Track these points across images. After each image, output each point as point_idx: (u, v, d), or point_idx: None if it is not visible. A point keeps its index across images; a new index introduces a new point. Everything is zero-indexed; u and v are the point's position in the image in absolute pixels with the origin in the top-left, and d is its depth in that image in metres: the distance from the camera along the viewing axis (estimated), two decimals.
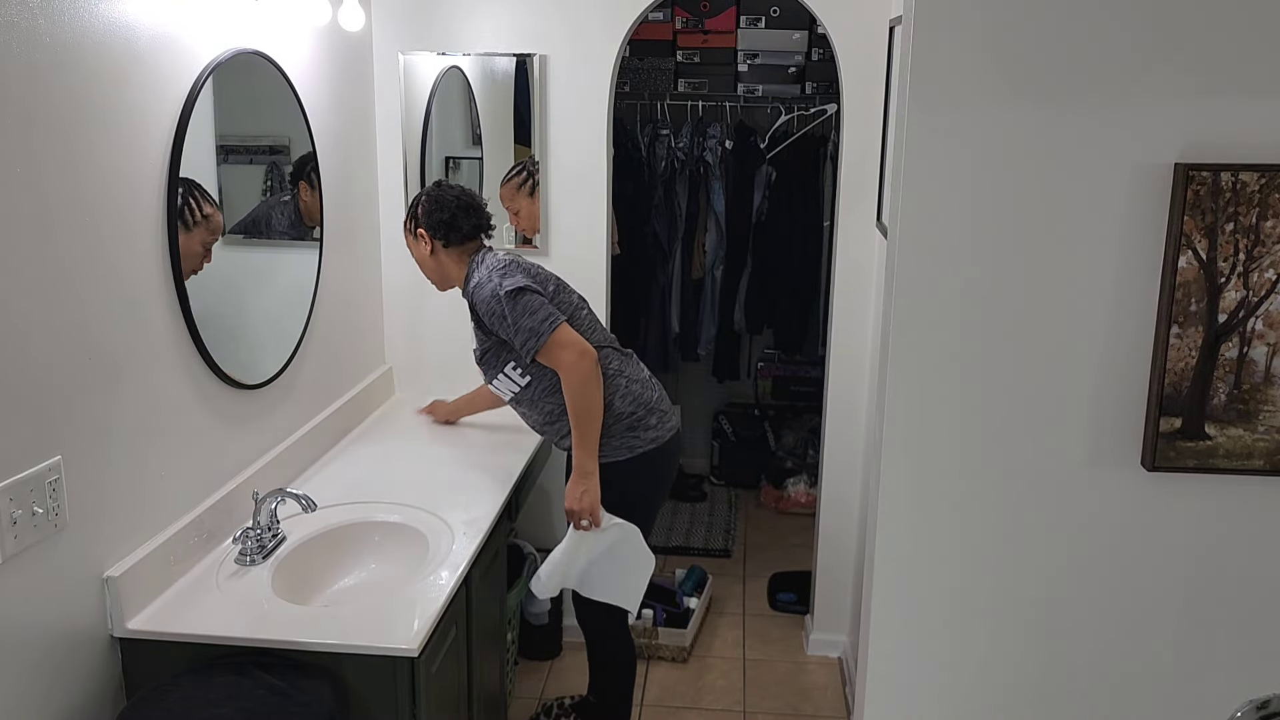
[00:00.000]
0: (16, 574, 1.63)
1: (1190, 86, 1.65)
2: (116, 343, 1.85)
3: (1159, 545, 1.84)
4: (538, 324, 2.37)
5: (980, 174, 1.71)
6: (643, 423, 2.54)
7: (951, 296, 1.76)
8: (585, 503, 2.44)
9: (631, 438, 2.53)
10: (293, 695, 1.75)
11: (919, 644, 1.92)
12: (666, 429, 2.60)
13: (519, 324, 2.38)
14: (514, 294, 2.38)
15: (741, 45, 4.42)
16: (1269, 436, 1.74)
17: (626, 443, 2.53)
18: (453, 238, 2.52)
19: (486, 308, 2.43)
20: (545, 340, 2.37)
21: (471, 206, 2.54)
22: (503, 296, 2.39)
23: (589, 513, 2.44)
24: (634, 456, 2.54)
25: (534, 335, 2.37)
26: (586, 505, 2.44)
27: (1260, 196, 1.64)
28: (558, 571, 2.53)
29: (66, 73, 1.68)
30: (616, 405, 2.51)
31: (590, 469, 2.43)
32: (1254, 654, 1.87)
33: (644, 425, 2.54)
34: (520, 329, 2.38)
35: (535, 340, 2.37)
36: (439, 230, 2.52)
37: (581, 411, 2.40)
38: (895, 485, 1.85)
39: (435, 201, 2.52)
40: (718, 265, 4.44)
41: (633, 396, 2.54)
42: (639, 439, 2.54)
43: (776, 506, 4.64)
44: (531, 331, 2.37)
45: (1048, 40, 1.65)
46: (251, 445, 2.37)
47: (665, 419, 2.60)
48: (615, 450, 2.52)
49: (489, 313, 2.43)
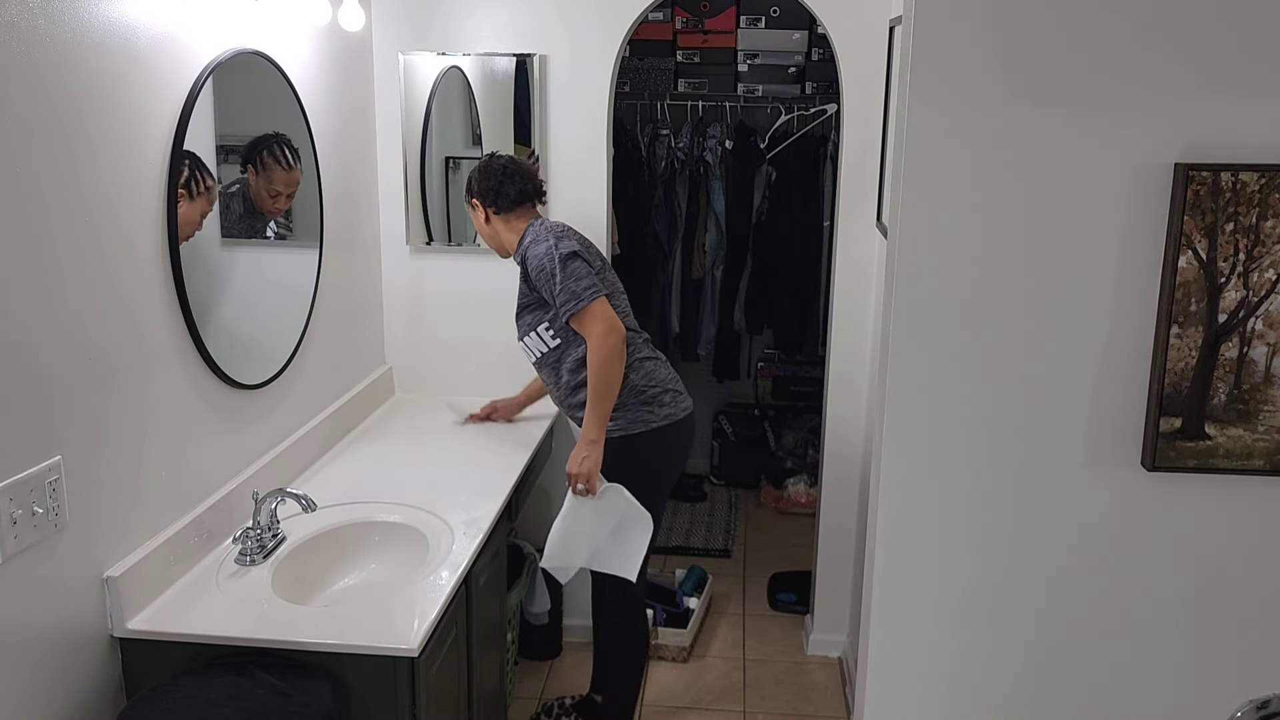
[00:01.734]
0: (16, 574, 1.63)
1: (1190, 86, 1.65)
2: (116, 343, 1.85)
3: (1159, 545, 1.84)
4: (581, 290, 2.50)
5: (980, 174, 1.71)
6: (657, 399, 2.65)
7: (951, 296, 1.76)
8: (585, 467, 2.53)
9: (646, 412, 2.63)
10: (293, 695, 1.75)
11: (919, 644, 1.92)
12: (680, 408, 2.70)
13: (564, 285, 2.50)
14: (567, 257, 2.52)
15: (741, 45, 4.42)
16: (1269, 436, 1.74)
17: (641, 416, 2.63)
18: (501, 204, 2.65)
19: (537, 264, 2.54)
20: (584, 306, 2.49)
21: (517, 173, 2.66)
22: (556, 256, 2.51)
23: (587, 478, 2.53)
24: (647, 431, 2.63)
25: (574, 299, 2.49)
26: (586, 470, 2.53)
27: (1260, 196, 1.64)
28: (560, 543, 2.61)
29: (66, 73, 1.68)
30: (632, 379, 2.61)
31: (595, 437, 2.54)
32: (1254, 654, 1.87)
33: (658, 402, 2.65)
34: (564, 289, 2.50)
35: (574, 304, 2.49)
36: (488, 197, 2.66)
37: (600, 384, 2.51)
38: (895, 485, 1.85)
39: (484, 170, 2.67)
40: (718, 265, 4.44)
41: (647, 373, 2.65)
42: (653, 414, 2.64)
43: (776, 506, 4.64)
44: (573, 295, 2.50)
45: (1048, 40, 1.65)
46: (251, 445, 2.37)
47: (679, 399, 2.71)
48: (630, 424, 2.62)
49: (538, 269, 2.54)
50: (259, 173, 2.38)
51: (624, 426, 2.62)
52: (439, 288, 3.22)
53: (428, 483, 2.57)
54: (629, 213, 4.23)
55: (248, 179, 2.35)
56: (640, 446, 2.64)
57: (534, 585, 3.19)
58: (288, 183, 2.51)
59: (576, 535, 2.61)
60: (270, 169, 2.42)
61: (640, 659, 2.89)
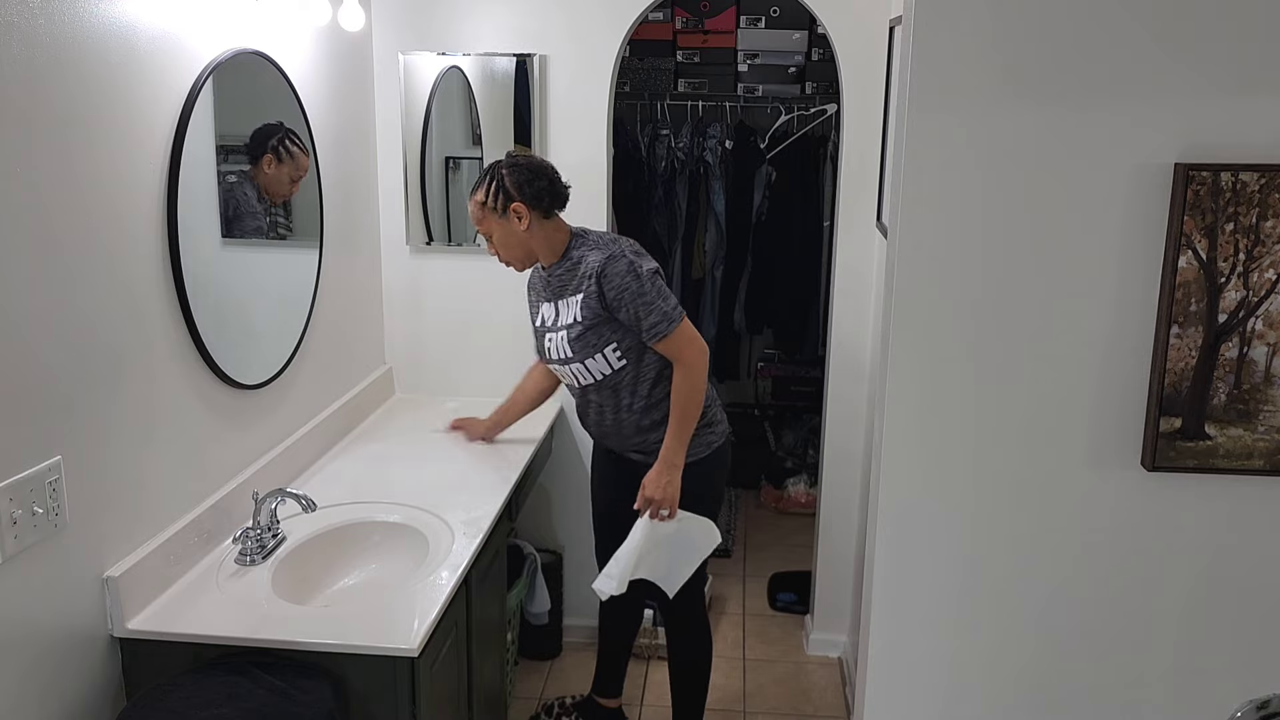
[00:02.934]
0: (16, 574, 1.63)
1: (1190, 86, 1.65)
2: (116, 343, 1.85)
3: (1159, 545, 1.84)
4: (671, 309, 2.39)
5: (980, 174, 1.71)
6: (716, 419, 2.61)
7: (951, 296, 1.76)
8: (669, 492, 2.44)
9: (709, 434, 2.57)
10: (293, 695, 1.75)
11: (919, 644, 1.92)
12: (726, 423, 2.67)
13: (655, 305, 2.37)
14: (655, 274, 2.40)
15: (741, 45, 4.42)
16: (1269, 436, 1.74)
17: (705, 439, 2.56)
18: (556, 205, 2.46)
19: (621, 281, 2.36)
20: (675, 327, 2.39)
21: (546, 166, 2.48)
22: (643, 274, 2.37)
23: (670, 503, 2.45)
24: (710, 454, 2.57)
25: (667, 320, 2.38)
26: (670, 495, 2.44)
27: (1260, 196, 1.64)
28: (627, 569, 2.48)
29: (66, 73, 1.68)
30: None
31: (678, 462, 2.45)
32: (1254, 654, 1.87)
33: (717, 420, 2.61)
34: (655, 309, 2.37)
35: (667, 325, 2.38)
36: (541, 200, 2.42)
37: (689, 407, 2.42)
38: (895, 485, 1.85)
39: (528, 171, 2.42)
40: (718, 265, 4.44)
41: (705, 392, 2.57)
42: (714, 434, 2.59)
43: (776, 506, 4.64)
44: (665, 315, 2.38)
45: (1048, 40, 1.65)
46: (251, 445, 2.37)
47: (722, 413, 2.68)
48: (696, 447, 2.53)
49: (622, 287, 2.37)
50: (280, 160, 2.43)
51: (694, 451, 2.51)
52: (439, 288, 3.22)
53: (428, 483, 2.57)
54: (629, 213, 4.23)
55: (262, 167, 2.37)
56: (709, 469, 2.58)
57: (534, 585, 3.19)
58: (305, 167, 2.56)
59: (643, 560, 2.52)
60: (295, 156, 2.50)
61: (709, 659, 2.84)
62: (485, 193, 2.43)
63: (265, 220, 2.46)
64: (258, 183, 2.37)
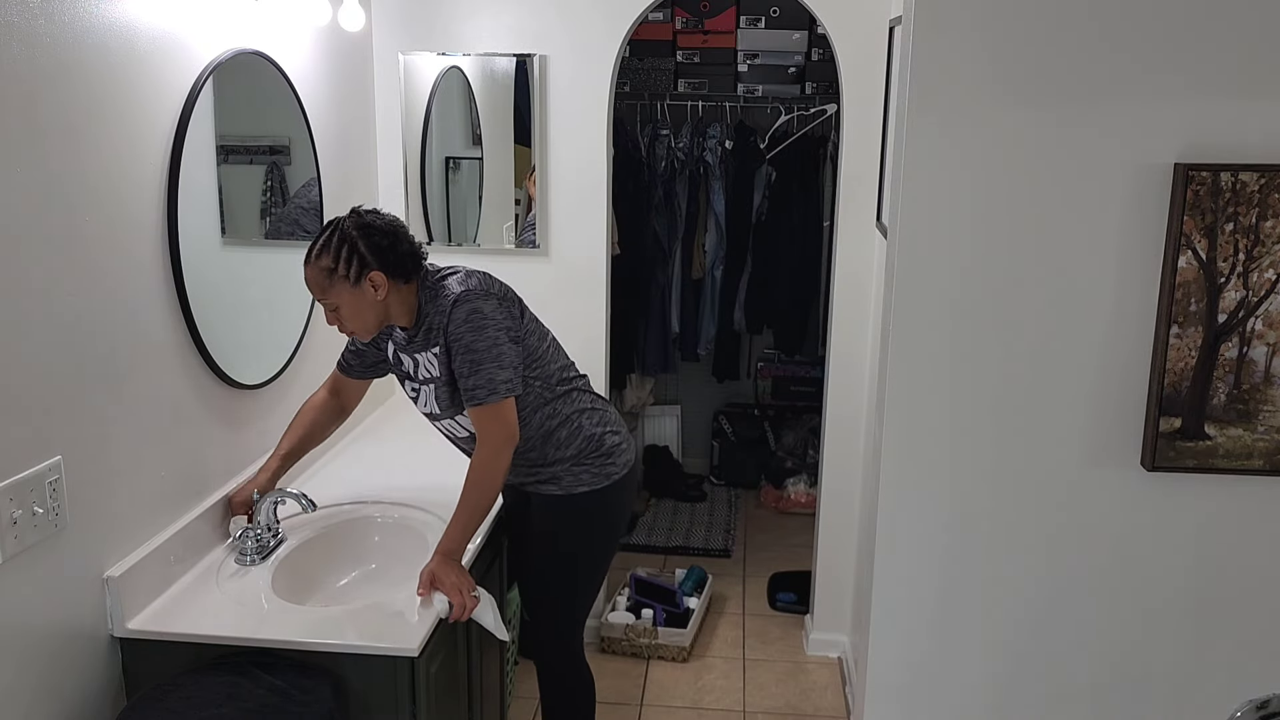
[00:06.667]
0: (16, 574, 1.63)
1: (1190, 86, 1.65)
2: (116, 343, 1.85)
3: (1159, 545, 1.84)
4: (500, 382, 2.06)
5: (980, 174, 1.71)
6: (617, 449, 2.33)
7: (951, 296, 1.76)
8: (454, 580, 2.02)
9: (607, 464, 2.30)
10: (293, 695, 1.75)
11: (919, 643, 1.92)
12: (630, 450, 2.38)
13: (484, 368, 2.06)
14: (500, 334, 2.08)
15: (741, 45, 4.42)
16: (1269, 436, 1.74)
17: (604, 470, 2.30)
18: (415, 271, 2.11)
19: (456, 330, 2.07)
20: (495, 401, 2.06)
21: (401, 225, 2.12)
22: (487, 323, 2.06)
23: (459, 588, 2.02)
24: (610, 485, 2.30)
25: (490, 390, 2.06)
26: (455, 582, 2.02)
27: (1260, 196, 1.64)
28: (488, 617, 2.14)
29: (66, 73, 1.68)
30: (586, 429, 2.29)
31: (456, 550, 2.07)
32: (1254, 654, 1.87)
33: (618, 450, 2.33)
34: (481, 372, 2.05)
35: (488, 394, 2.06)
36: (404, 266, 2.07)
37: (481, 497, 2.10)
38: (895, 485, 1.85)
39: (386, 235, 2.06)
40: (718, 265, 4.44)
41: (600, 418, 2.33)
42: (614, 464, 2.32)
43: (776, 506, 4.64)
44: (490, 384, 2.06)
45: (1048, 41, 1.65)
46: (251, 445, 2.37)
47: (628, 439, 2.39)
48: (594, 478, 2.29)
49: (455, 336, 2.07)
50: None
51: (588, 482, 2.28)
52: None
53: (428, 483, 2.57)
54: (629, 213, 4.23)
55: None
56: (608, 501, 2.32)
57: None
58: None
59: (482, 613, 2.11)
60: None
61: (589, 690, 2.53)
62: (334, 259, 2.02)
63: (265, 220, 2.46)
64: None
